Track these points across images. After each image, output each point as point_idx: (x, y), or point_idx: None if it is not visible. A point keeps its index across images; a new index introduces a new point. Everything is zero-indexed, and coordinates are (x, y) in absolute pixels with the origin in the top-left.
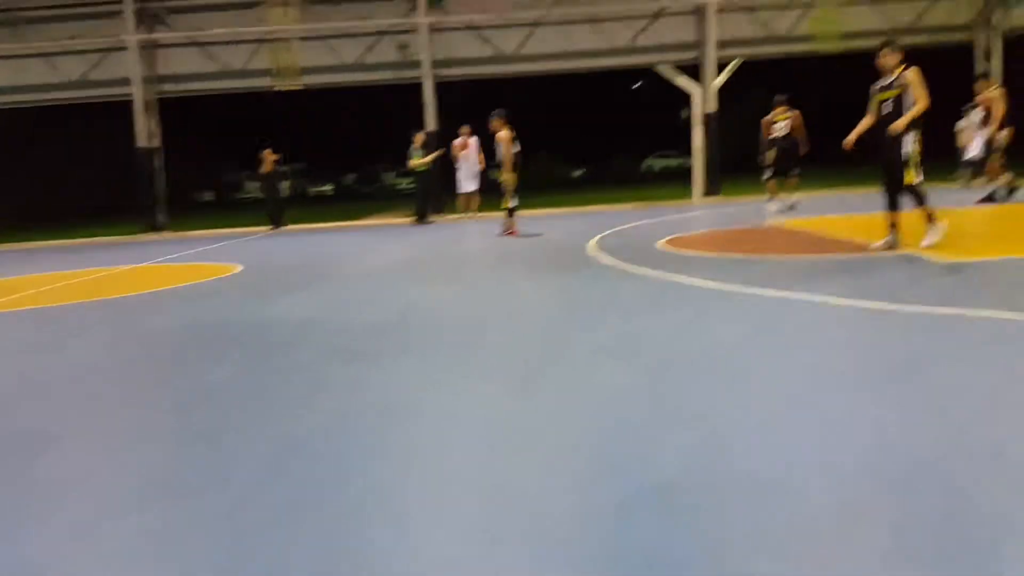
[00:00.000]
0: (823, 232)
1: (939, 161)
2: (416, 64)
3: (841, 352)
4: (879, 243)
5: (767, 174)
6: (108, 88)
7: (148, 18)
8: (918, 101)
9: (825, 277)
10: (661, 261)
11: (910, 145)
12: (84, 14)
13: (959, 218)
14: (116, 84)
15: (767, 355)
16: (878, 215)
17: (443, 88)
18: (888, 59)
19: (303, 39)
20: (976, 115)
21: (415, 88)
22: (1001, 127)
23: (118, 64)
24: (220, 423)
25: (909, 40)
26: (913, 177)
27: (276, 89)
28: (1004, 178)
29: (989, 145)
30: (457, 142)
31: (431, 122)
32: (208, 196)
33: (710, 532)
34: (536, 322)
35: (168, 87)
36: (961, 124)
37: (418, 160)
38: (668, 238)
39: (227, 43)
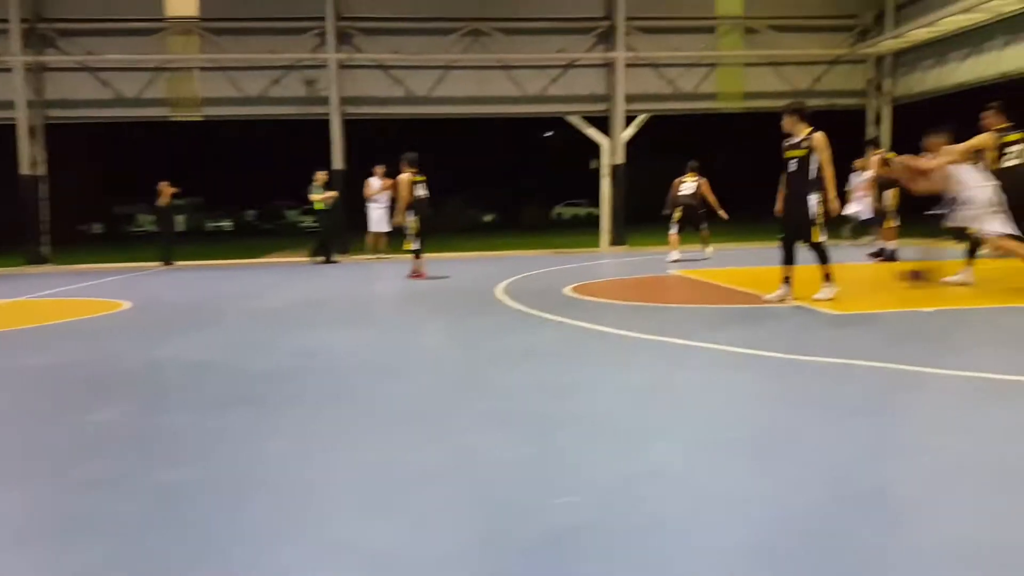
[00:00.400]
0: (723, 283)
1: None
2: (323, 100)
3: (733, 399)
4: (772, 295)
5: (673, 229)
6: None
7: (37, 39)
8: (824, 167)
9: (722, 326)
10: (567, 307)
11: (815, 205)
12: None
13: (848, 272)
14: None
15: (663, 403)
16: (776, 268)
17: (354, 126)
18: (787, 123)
19: (204, 69)
20: (856, 177)
21: (322, 125)
22: (882, 189)
23: (2, 86)
24: (97, 472)
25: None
26: (818, 235)
27: (174, 119)
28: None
29: (878, 210)
30: (371, 181)
31: (338, 160)
32: (98, 228)
33: None
34: (434, 370)
35: (55, 112)
36: (852, 183)
37: (318, 197)
38: (575, 285)
39: (122, 70)
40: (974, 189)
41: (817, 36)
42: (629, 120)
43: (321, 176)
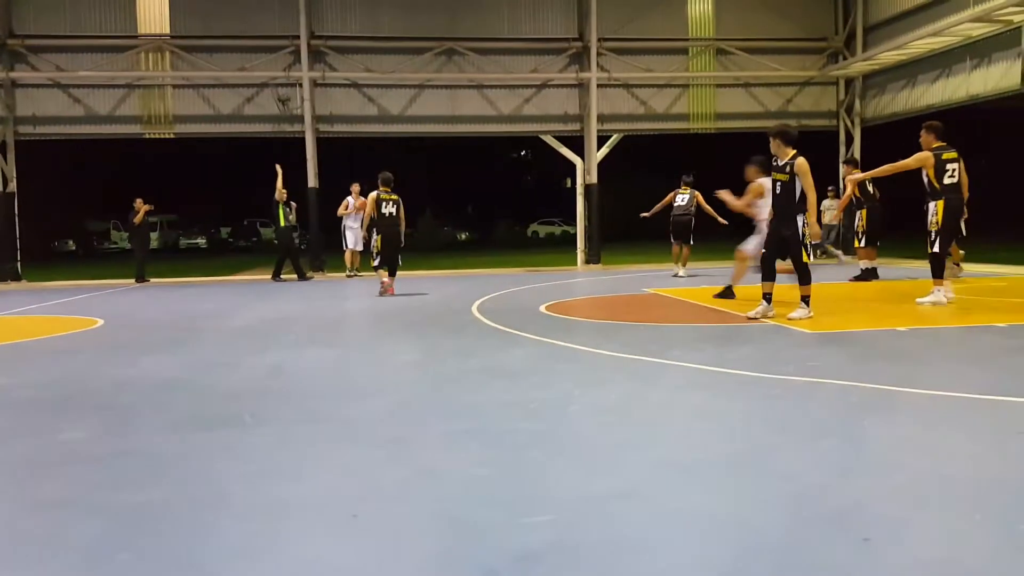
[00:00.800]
0: (697, 301)
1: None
2: (298, 118)
3: (704, 418)
4: (755, 311)
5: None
6: None
7: (7, 55)
8: (807, 192)
9: (695, 344)
10: (541, 325)
11: (803, 227)
12: None
13: (828, 291)
14: None
15: (633, 422)
16: (755, 286)
17: (330, 144)
18: (772, 146)
19: (176, 87)
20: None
21: (297, 143)
22: (857, 208)
23: None
24: (60, 492)
25: (776, 124)
26: (807, 257)
27: (146, 137)
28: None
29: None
30: (348, 199)
31: (312, 178)
32: (71, 245)
33: None
34: (405, 388)
35: (26, 129)
36: (824, 204)
37: (281, 216)
38: (550, 303)
39: (94, 87)
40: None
41: (788, 58)
42: (603, 140)
43: (283, 193)
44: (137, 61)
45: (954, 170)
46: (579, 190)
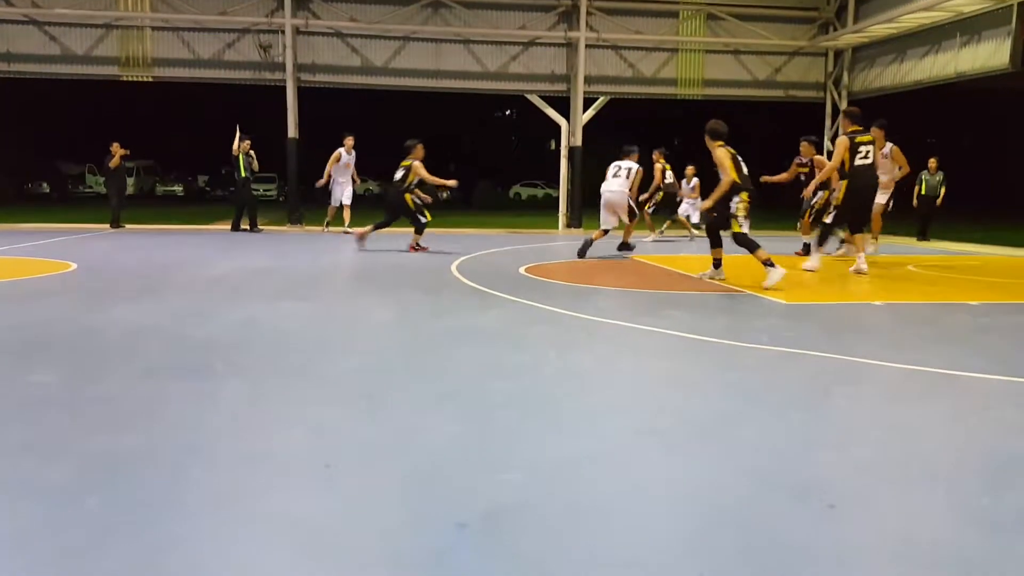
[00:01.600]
0: (676, 268)
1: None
2: (279, 67)
3: (675, 384)
4: (703, 273)
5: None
6: None
7: None
8: (723, 178)
9: (671, 311)
10: (520, 287)
11: (735, 204)
12: None
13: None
14: None
15: (605, 386)
16: (735, 256)
17: (312, 95)
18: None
19: (156, 29)
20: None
21: (278, 91)
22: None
23: None
24: (30, 436)
25: (765, 94)
26: (737, 227)
27: (124, 79)
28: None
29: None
30: (341, 151)
31: (292, 128)
32: (45, 188)
33: (538, 559)
34: (380, 346)
35: (0, 66)
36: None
37: (242, 167)
38: (529, 265)
39: (71, 24)
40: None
41: (779, 27)
42: (589, 103)
43: (244, 144)
44: (116, 0)
45: (867, 152)
46: (563, 152)
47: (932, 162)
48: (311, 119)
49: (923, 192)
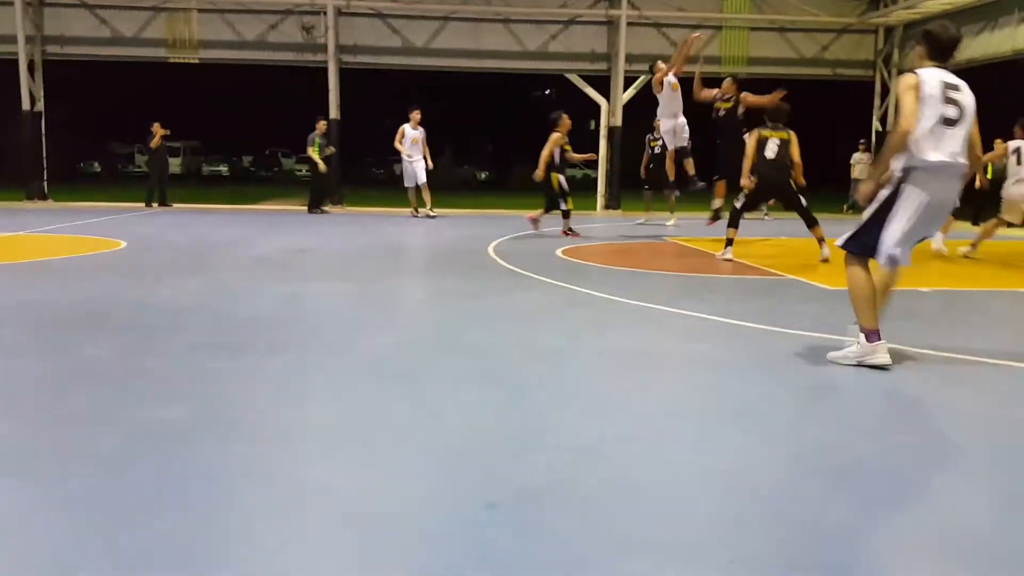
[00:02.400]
0: (715, 251)
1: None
2: (321, 48)
3: (711, 368)
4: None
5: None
6: None
7: None
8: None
9: (709, 294)
10: (557, 269)
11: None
12: None
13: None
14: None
15: (641, 369)
16: (777, 238)
17: (353, 75)
18: None
19: (202, 11)
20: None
21: (321, 72)
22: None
23: (3, 20)
24: (80, 406)
25: (812, 72)
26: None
27: (171, 61)
28: None
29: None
30: (406, 127)
31: (334, 109)
32: (96, 167)
33: (569, 539)
34: (418, 325)
35: (53, 49)
36: (855, 158)
37: (316, 151)
38: (567, 247)
39: (120, 7)
40: None
41: (826, 2)
42: (630, 81)
43: (321, 125)
44: None
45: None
46: (602, 132)
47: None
48: (349, 101)
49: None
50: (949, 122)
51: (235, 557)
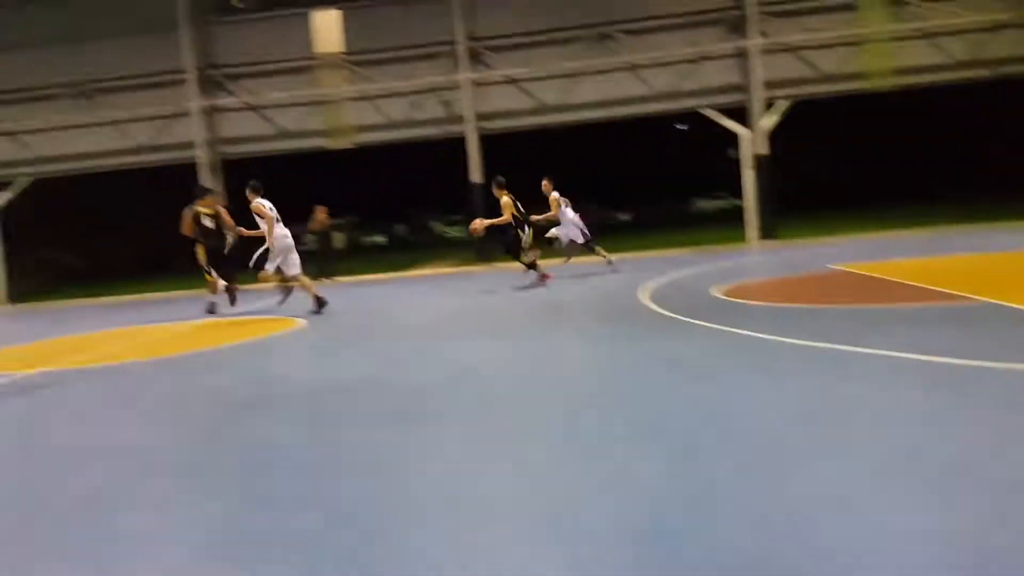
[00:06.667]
0: (889, 276)
1: None
2: (459, 119)
3: (913, 415)
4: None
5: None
6: (174, 152)
7: (210, 85)
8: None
9: (896, 328)
10: (718, 311)
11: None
12: (150, 84)
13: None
14: (181, 148)
15: (831, 421)
16: (952, 258)
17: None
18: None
19: (353, 99)
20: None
21: (460, 141)
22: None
23: (183, 128)
24: (276, 487)
25: (969, 75)
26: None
27: (330, 148)
28: None
29: None
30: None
31: (476, 174)
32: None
33: None
34: (583, 383)
35: (228, 149)
36: None
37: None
38: (725, 286)
39: (282, 106)
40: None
41: (975, 0)
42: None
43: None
44: (317, 79)
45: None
46: (746, 162)
47: None
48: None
49: None
50: None
51: None
